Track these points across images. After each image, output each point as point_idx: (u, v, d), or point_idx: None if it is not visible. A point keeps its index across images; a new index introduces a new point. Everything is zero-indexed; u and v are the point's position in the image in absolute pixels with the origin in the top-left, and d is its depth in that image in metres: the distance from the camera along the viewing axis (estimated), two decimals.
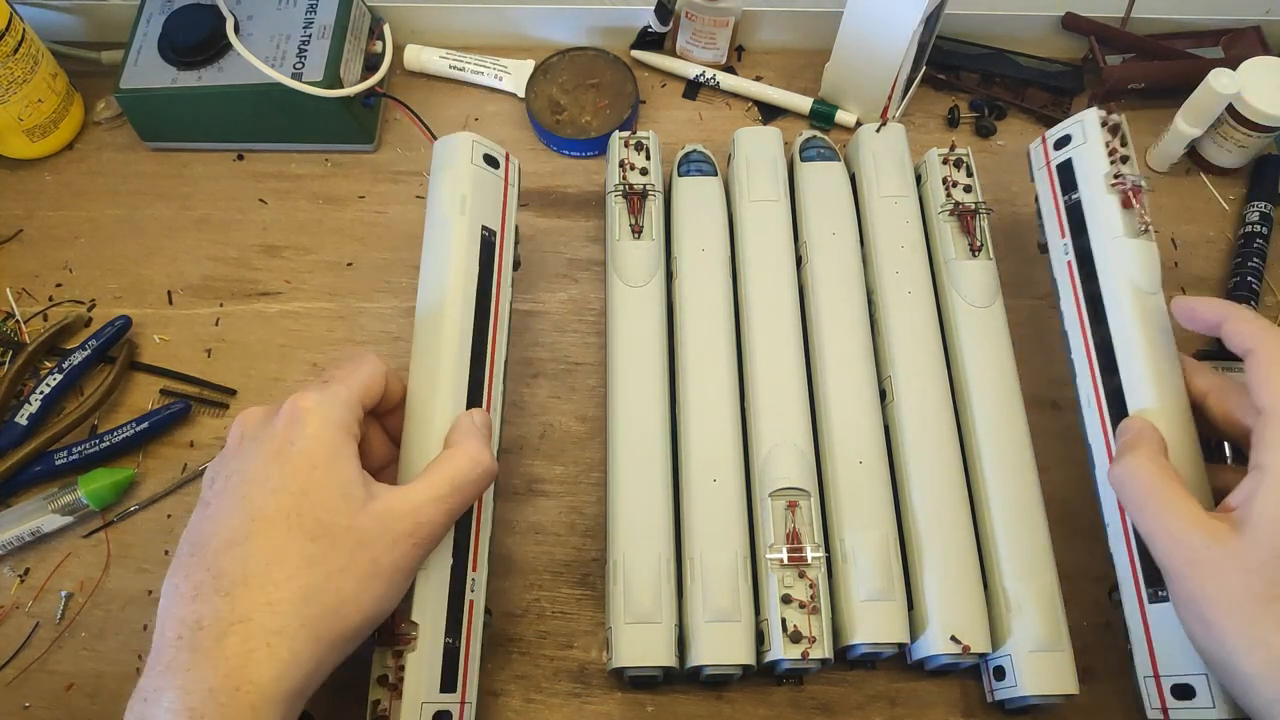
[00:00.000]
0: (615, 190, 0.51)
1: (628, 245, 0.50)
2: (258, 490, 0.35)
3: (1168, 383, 0.42)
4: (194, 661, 0.33)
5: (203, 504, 0.37)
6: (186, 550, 0.36)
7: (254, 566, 0.34)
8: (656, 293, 0.49)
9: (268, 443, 0.36)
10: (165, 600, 0.35)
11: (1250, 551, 0.34)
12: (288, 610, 0.34)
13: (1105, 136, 0.46)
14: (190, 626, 0.34)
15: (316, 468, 0.36)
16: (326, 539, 0.35)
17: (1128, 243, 0.44)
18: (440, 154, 0.48)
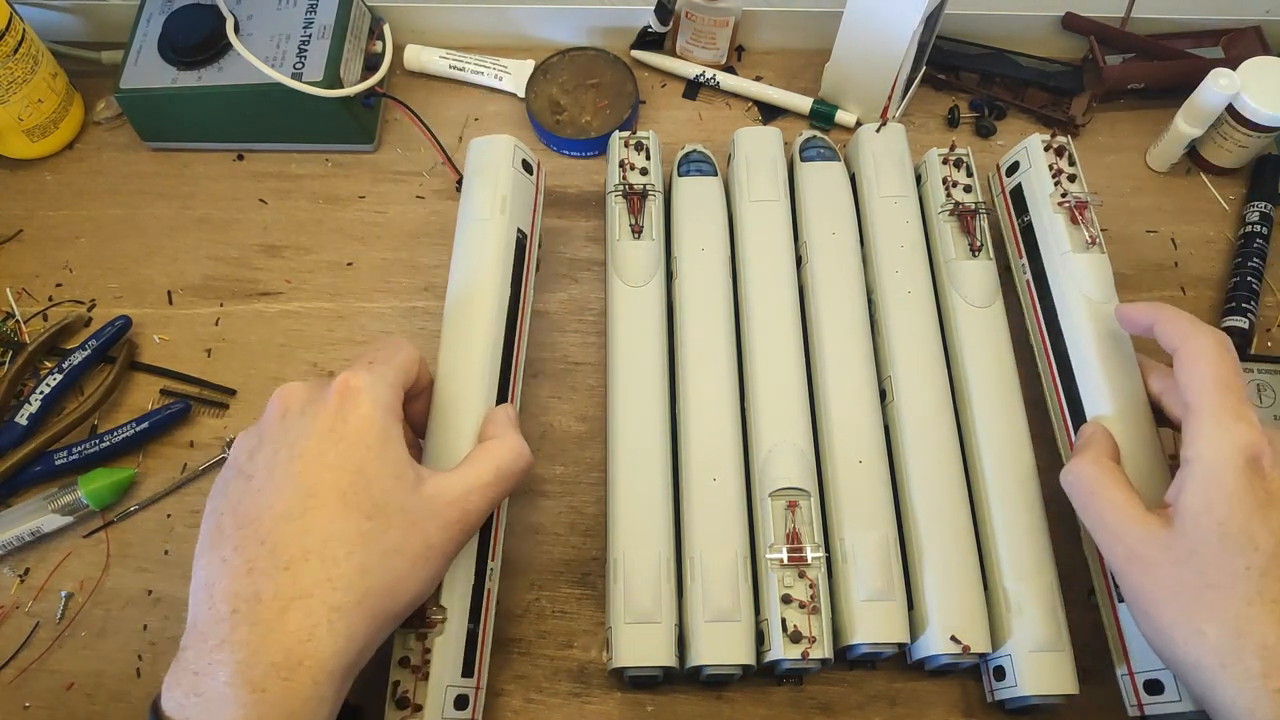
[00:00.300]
0: (615, 190, 0.51)
1: (628, 245, 0.50)
2: (313, 466, 0.35)
3: (1122, 386, 0.43)
4: (254, 636, 0.33)
5: (243, 476, 0.36)
6: (231, 523, 0.35)
7: (313, 542, 0.34)
8: (656, 293, 0.49)
9: (319, 419, 0.36)
10: (211, 573, 0.34)
11: (1179, 543, 0.35)
12: (346, 587, 0.34)
13: (1050, 159, 0.49)
14: (248, 600, 0.33)
15: (370, 447, 0.36)
16: (382, 518, 0.35)
17: (1077, 257, 0.46)
18: (479, 153, 0.49)
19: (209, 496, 0.37)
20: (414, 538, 0.36)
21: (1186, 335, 0.39)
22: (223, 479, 0.37)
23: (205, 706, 0.32)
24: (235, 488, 0.36)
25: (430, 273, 0.55)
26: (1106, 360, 0.44)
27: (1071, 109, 0.60)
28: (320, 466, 0.35)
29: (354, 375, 0.37)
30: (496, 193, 0.47)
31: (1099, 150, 0.59)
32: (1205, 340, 0.38)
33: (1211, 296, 0.54)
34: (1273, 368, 0.51)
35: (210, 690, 0.32)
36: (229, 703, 0.32)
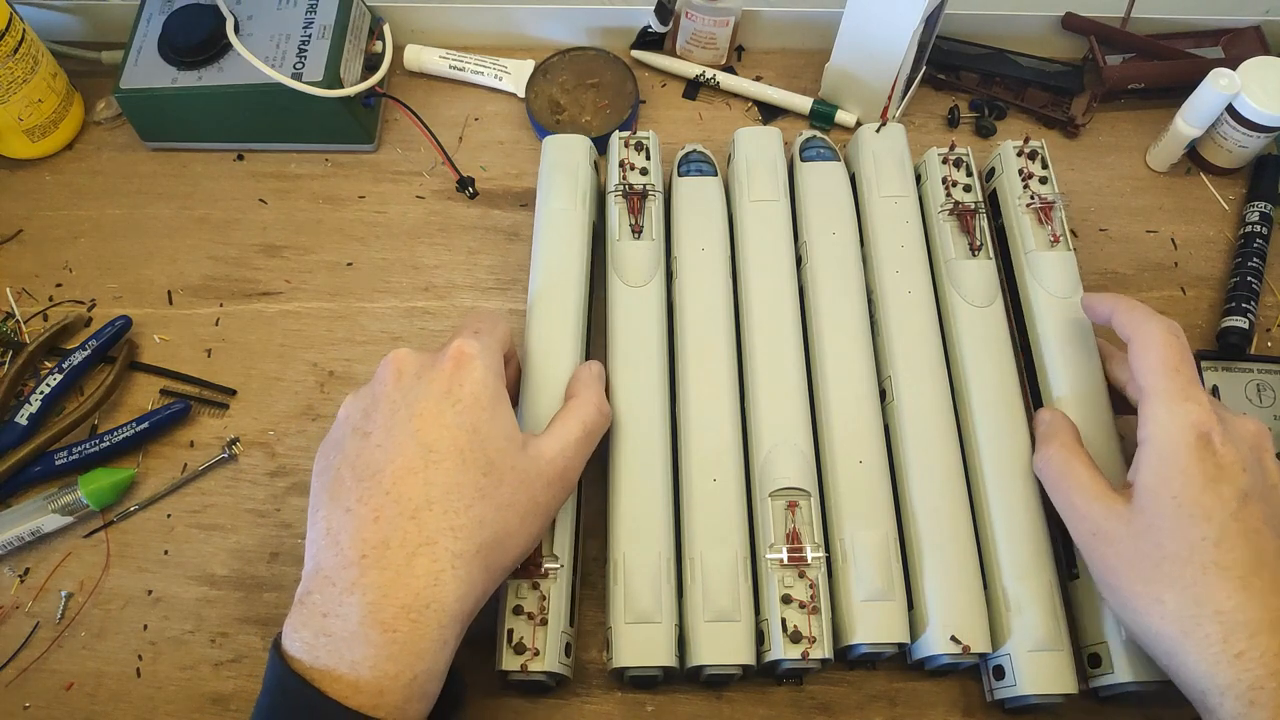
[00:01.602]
0: (615, 190, 0.51)
1: (628, 245, 0.50)
2: (431, 425, 0.37)
3: (1081, 377, 0.46)
4: (385, 579, 0.35)
5: (360, 434, 0.38)
6: (351, 475, 0.37)
7: (436, 493, 0.36)
8: (656, 293, 0.49)
9: (435, 382, 0.38)
10: (335, 521, 0.36)
11: (1138, 518, 0.37)
12: (467, 536, 0.36)
13: (1022, 163, 0.52)
14: (376, 546, 0.35)
15: (484, 408, 0.38)
16: (495, 475, 0.38)
17: (1041, 255, 0.49)
18: (556, 150, 0.53)
19: (318, 455, 0.39)
20: (523, 494, 0.38)
21: (1139, 324, 0.40)
22: (334, 438, 0.39)
23: (335, 646, 0.34)
24: (352, 444, 0.38)
25: (430, 273, 0.55)
26: (1067, 353, 0.47)
27: (1071, 109, 0.60)
28: (439, 425, 0.37)
29: (467, 343, 0.39)
30: (579, 187, 0.51)
31: (1099, 150, 0.59)
32: (1155, 328, 0.40)
33: (1211, 296, 0.54)
34: (1273, 368, 0.51)
35: (341, 630, 0.34)
36: (361, 642, 0.34)
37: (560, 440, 0.41)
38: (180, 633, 0.46)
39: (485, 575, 0.37)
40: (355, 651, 0.34)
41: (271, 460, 0.50)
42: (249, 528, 0.49)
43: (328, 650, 0.34)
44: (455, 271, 0.55)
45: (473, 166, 0.59)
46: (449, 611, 0.35)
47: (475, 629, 0.38)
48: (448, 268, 0.56)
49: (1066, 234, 0.49)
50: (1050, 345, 0.47)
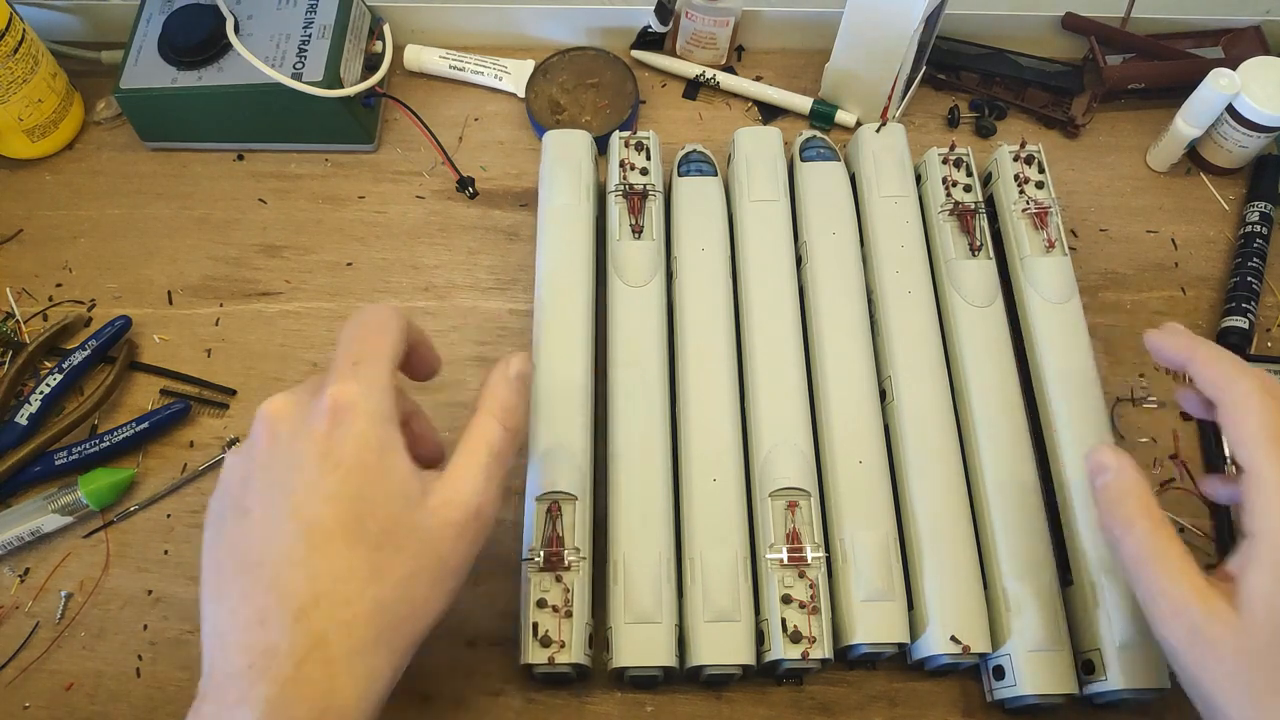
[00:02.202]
0: (615, 190, 0.51)
1: (628, 245, 0.50)
2: (309, 500, 0.33)
3: (1076, 381, 0.46)
4: (274, 693, 0.31)
5: (239, 510, 0.34)
6: (232, 567, 0.33)
7: (323, 586, 0.32)
8: (657, 293, 0.49)
9: (311, 444, 0.34)
10: (220, 623, 0.33)
11: (1249, 633, 0.32)
12: (364, 626, 0.33)
13: (1018, 168, 0.52)
14: (263, 654, 0.32)
15: (370, 468, 0.34)
16: (391, 545, 0.33)
17: (1037, 260, 0.49)
18: (557, 145, 0.53)
19: (206, 525, 0.35)
20: (428, 558, 0.34)
21: (1228, 383, 0.35)
22: (218, 511, 0.35)
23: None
24: (232, 525, 0.34)
25: (430, 272, 0.55)
26: (1062, 359, 0.46)
27: (1071, 109, 0.60)
28: (318, 499, 0.33)
29: (342, 387, 0.34)
30: (581, 182, 0.51)
31: (1099, 150, 0.59)
32: (1249, 389, 0.34)
33: (1211, 296, 0.54)
34: (1273, 368, 0.51)
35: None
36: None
37: (467, 476, 0.36)
38: (180, 633, 0.46)
39: (392, 658, 0.34)
40: None
41: None
42: None
43: None
44: (455, 271, 0.55)
45: (473, 166, 0.59)
46: (348, 715, 0.32)
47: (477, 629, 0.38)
48: (448, 268, 0.56)
49: (1063, 239, 0.49)
50: (1045, 351, 0.47)
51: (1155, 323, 0.53)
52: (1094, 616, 0.41)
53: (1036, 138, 0.59)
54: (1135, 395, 0.51)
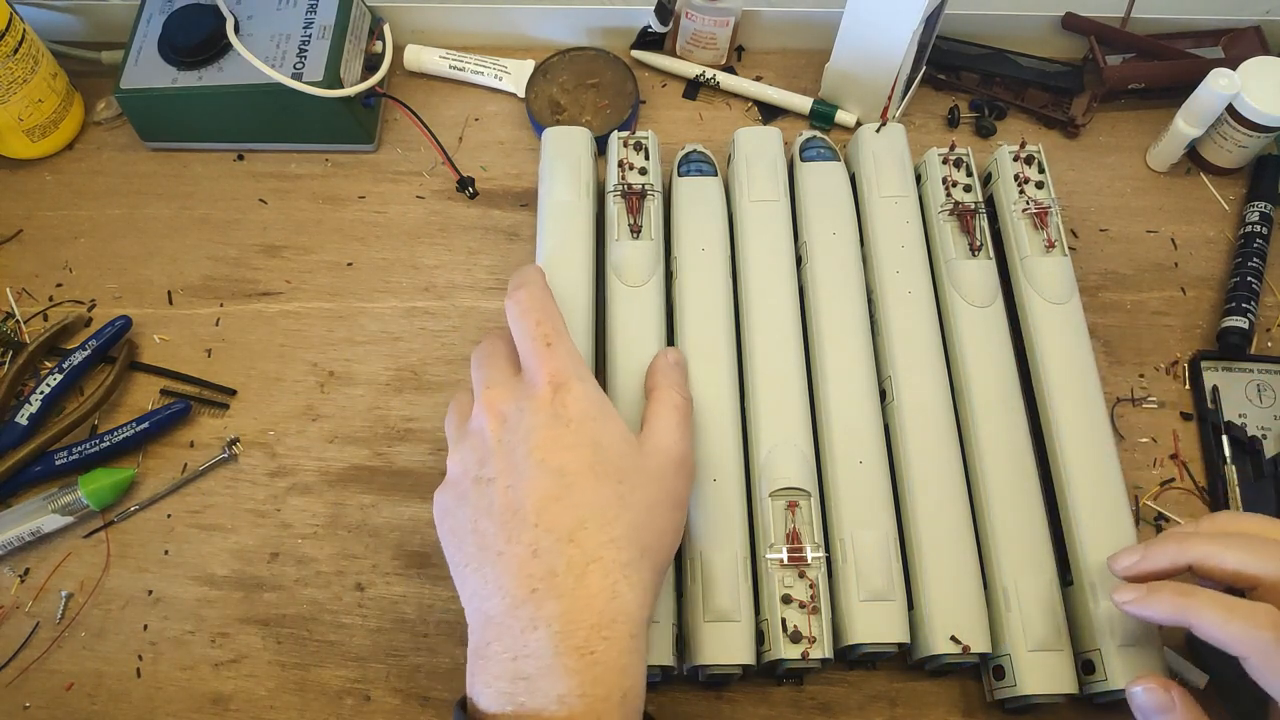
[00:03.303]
0: (614, 190, 0.51)
1: (627, 245, 0.50)
2: (553, 451, 0.37)
3: (1076, 381, 0.46)
4: (563, 606, 0.34)
5: (482, 483, 0.37)
6: (491, 524, 0.36)
7: (584, 513, 0.36)
8: (655, 293, 0.49)
9: (540, 412, 0.38)
10: (492, 572, 0.36)
11: None
12: (628, 544, 0.36)
13: (1018, 168, 0.52)
14: (543, 579, 0.35)
15: (596, 420, 0.38)
16: (630, 481, 0.37)
17: (1037, 260, 0.49)
18: (557, 141, 0.53)
19: (439, 518, 0.39)
20: (660, 491, 0.38)
21: (1244, 641, 0.33)
22: (453, 495, 0.39)
23: (536, 686, 0.33)
24: (478, 494, 0.37)
25: (430, 273, 0.55)
26: (1062, 359, 0.46)
27: (1071, 109, 0.60)
28: (560, 449, 0.37)
29: (554, 364, 0.39)
30: (581, 178, 0.51)
31: (1099, 150, 0.59)
32: (1270, 640, 0.33)
33: (1211, 296, 0.54)
34: (1273, 368, 0.51)
35: (536, 669, 0.33)
36: (561, 674, 0.33)
37: (667, 429, 0.41)
38: (180, 633, 0.46)
39: (654, 577, 0.37)
40: (559, 685, 0.33)
41: (271, 460, 0.50)
42: (249, 528, 0.49)
43: (529, 693, 0.33)
44: (455, 271, 0.55)
45: (473, 167, 0.59)
46: (635, 620, 0.35)
47: None
48: (448, 268, 0.56)
49: (1063, 239, 0.49)
50: (1045, 351, 0.47)
51: (1155, 323, 0.53)
52: (1094, 616, 0.41)
53: (1036, 138, 0.59)
54: (1135, 395, 0.51)
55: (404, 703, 0.45)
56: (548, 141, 0.53)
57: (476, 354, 0.42)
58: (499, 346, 0.42)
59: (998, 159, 0.53)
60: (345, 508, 0.49)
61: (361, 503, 0.49)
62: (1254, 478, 0.49)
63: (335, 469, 0.50)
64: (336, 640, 0.46)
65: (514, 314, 0.41)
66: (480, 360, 0.41)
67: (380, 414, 0.51)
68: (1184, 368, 0.52)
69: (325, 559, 0.48)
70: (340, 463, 0.50)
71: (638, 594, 0.35)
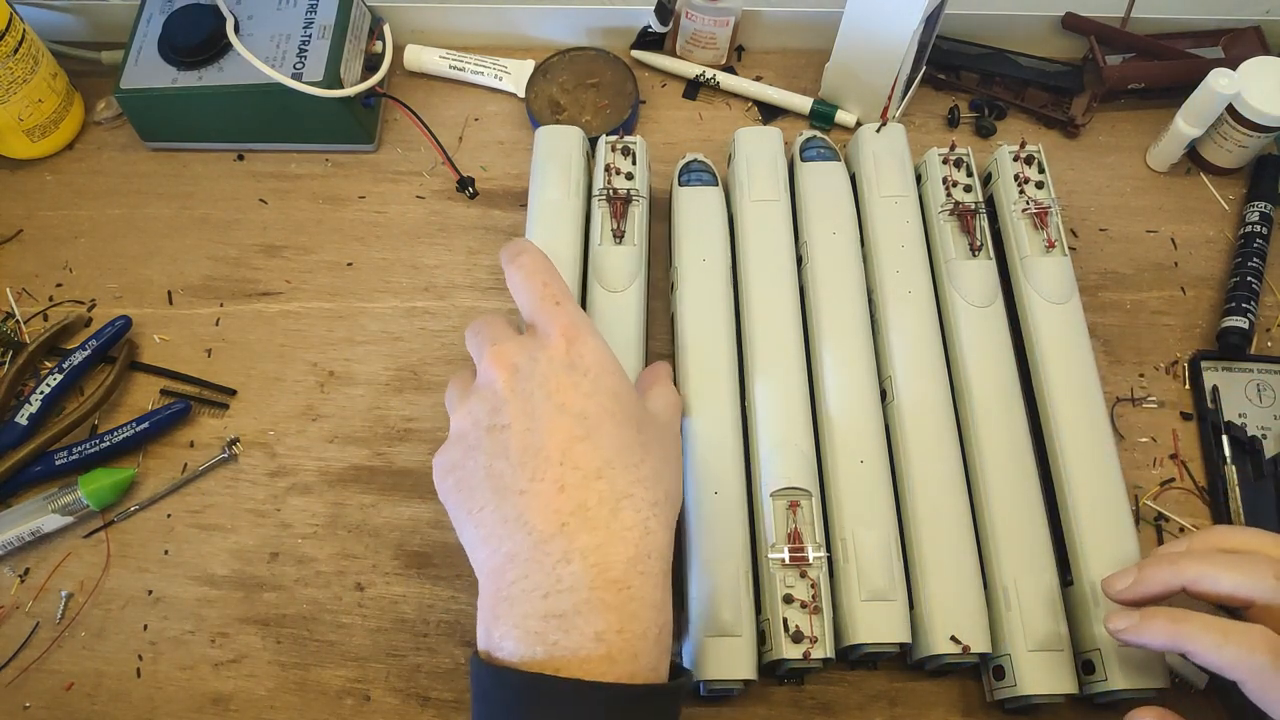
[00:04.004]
0: (599, 195, 0.51)
1: (609, 250, 0.49)
2: (574, 396, 0.36)
3: (1076, 381, 0.46)
4: (598, 539, 0.33)
5: (496, 429, 0.36)
6: (508, 465, 0.35)
7: (608, 454, 0.35)
8: (635, 299, 0.48)
9: (555, 363, 0.37)
10: (513, 508, 0.35)
11: None
12: (652, 484, 0.36)
13: (1018, 168, 0.51)
14: (573, 513, 0.34)
15: (612, 371, 0.38)
16: (644, 430, 0.38)
17: (1036, 260, 0.49)
18: (550, 140, 0.53)
19: (443, 471, 0.38)
20: (670, 446, 0.39)
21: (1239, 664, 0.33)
22: (460, 449, 0.37)
23: (570, 623, 0.32)
24: (493, 440, 0.36)
25: (430, 272, 0.55)
26: (1062, 358, 0.46)
27: (1071, 109, 0.60)
28: (580, 395, 0.36)
29: (563, 313, 0.38)
30: (570, 176, 0.51)
31: (1099, 150, 0.59)
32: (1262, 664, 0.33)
33: (1211, 296, 0.54)
34: (1273, 368, 0.51)
35: (571, 605, 0.32)
36: (599, 608, 0.32)
37: (669, 391, 0.43)
38: (180, 633, 0.46)
39: (674, 519, 0.37)
40: (596, 621, 0.32)
41: (271, 460, 0.50)
42: (249, 528, 0.49)
43: (563, 631, 0.32)
44: (455, 271, 0.55)
45: (473, 167, 0.59)
46: (665, 557, 0.35)
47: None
48: (448, 268, 0.56)
49: (1063, 239, 0.49)
50: (1045, 351, 0.47)
51: (1155, 322, 0.53)
52: (1094, 616, 0.41)
53: (1036, 138, 0.59)
54: (1135, 395, 0.51)
55: (404, 703, 0.45)
56: (540, 140, 0.53)
57: (472, 326, 0.41)
58: (494, 317, 0.41)
59: (998, 159, 0.53)
60: (345, 508, 0.49)
61: (361, 503, 0.49)
62: (1254, 478, 0.49)
63: (335, 469, 0.50)
64: (336, 640, 0.46)
65: (519, 277, 0.40)
66: (478, 329, 0.41)
67: (380, 414, 0.51)
68: (1184, 367, 0.52)
69: (325, 559, 0.48)
70: (340, 463, 0.50)
71: (666, 533, 0.35)
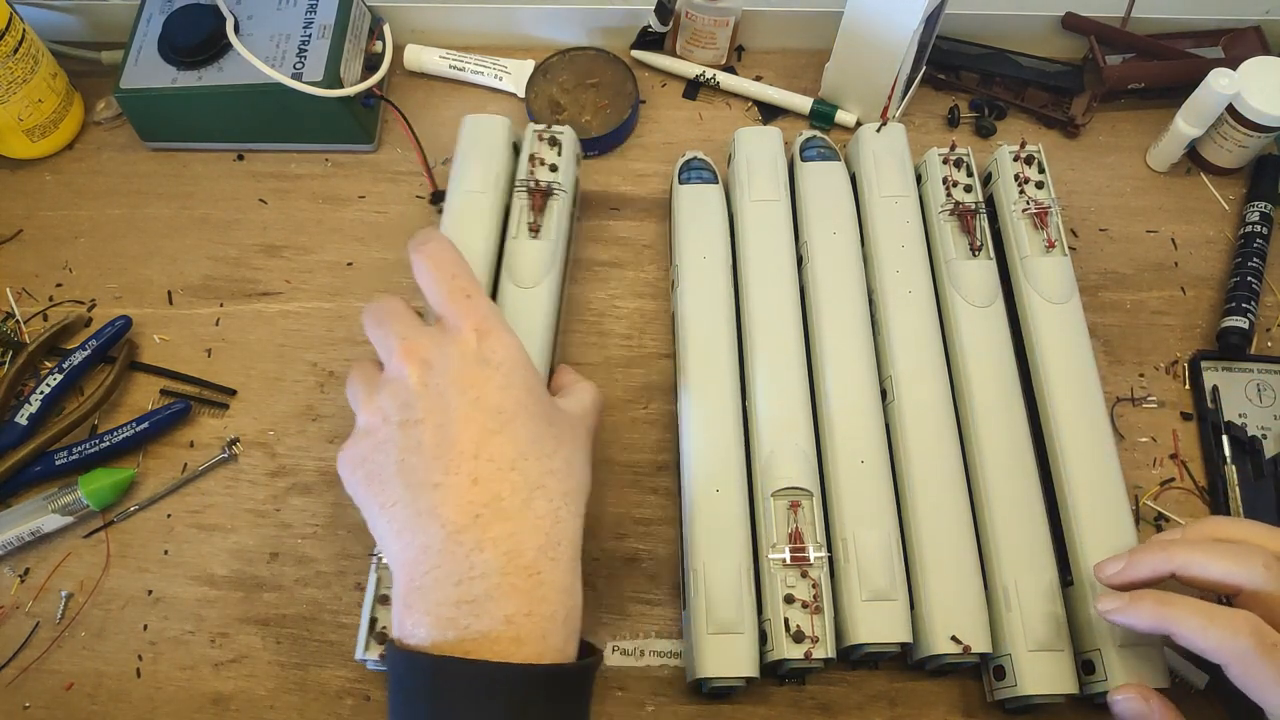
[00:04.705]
0: (520, 185, 0.50)
1: (524, 244, 0.49)
2: (488, 390, 0.37)
3: (1076, 381, 0.46)
4: (511, 527, 0.35)
5: (409, 424, 0.37)
6: (420, 460, 0.36)
7: (523, 446, 0.36)
8: (547, 296, 0.48)
9: (467, 358, 0.37)
10: (425, 502, 0.35)
11: None
12: (564, 475, 0.37)
13: (1018, 168, 0.51)
14: (487, 504, 0.35)
15: (526, 366, 0.39)
16: (556, 425, 0.39)
17: (1037, 260, 0.49)
18: (474, 130, 0.51)
19: (351, 467, 0.38)
20: (582, 441, 0.40)
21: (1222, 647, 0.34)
22: (369, 444, 0.38)
23: (482, 608, 0.33)
24: (405, 435, 0.36)
25: None
26: (1062, 358, 0.46)
27: (1071, 109, 0.60)
28: (494, 388, 0.37)
29: (474, 307, 0.39)
30: (491, 169, 0.50)
31: (1099, 150, 0.59)
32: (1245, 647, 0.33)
33: (1211, 296, 0.54)
34: (1273, 368, 0.51)
35: (483, 590, 0.33)
36: (510, 593, 0.33)
37: (584, 401, 0.43)
38: (180, 633, 0.46)
39: (582, 512, 0.38)
40: (506, 605, 0.33)
41: (271, 460, 0.50)
42: (249, 528, 0.48)
43: (473, 615, 0.33)
44: None
45: None
46: (576, 545, 0.36)
47: None
48: None
49: (1063, 239, 0.49)
50: (1045, 351, 0.47)
51: (1155, 323, 0.53)
52: (1094, 616, 0.41)
53: (1036, 138, 0.59)
54: (1135, 395, 0.51)
55: None
56: (465, 129, 0.52)
57: (372, 314, 0.41)
58: (397, 305, 0.41)
59: (998, 159, 0.53)
60: (345, 508, 0.49)
61: None
62: (1254, 478, 0.49)
63: (335, 469, 0.50)
64: (336, 640, 0.46)
65: (425, 267, 0.40)
66: (380, 319, 0.40)
67: None
68: (1184, 367, 0.52)
69: (325, 559, 0.48)
70: None
71: (577, 522, 0.37)
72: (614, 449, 0.50)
